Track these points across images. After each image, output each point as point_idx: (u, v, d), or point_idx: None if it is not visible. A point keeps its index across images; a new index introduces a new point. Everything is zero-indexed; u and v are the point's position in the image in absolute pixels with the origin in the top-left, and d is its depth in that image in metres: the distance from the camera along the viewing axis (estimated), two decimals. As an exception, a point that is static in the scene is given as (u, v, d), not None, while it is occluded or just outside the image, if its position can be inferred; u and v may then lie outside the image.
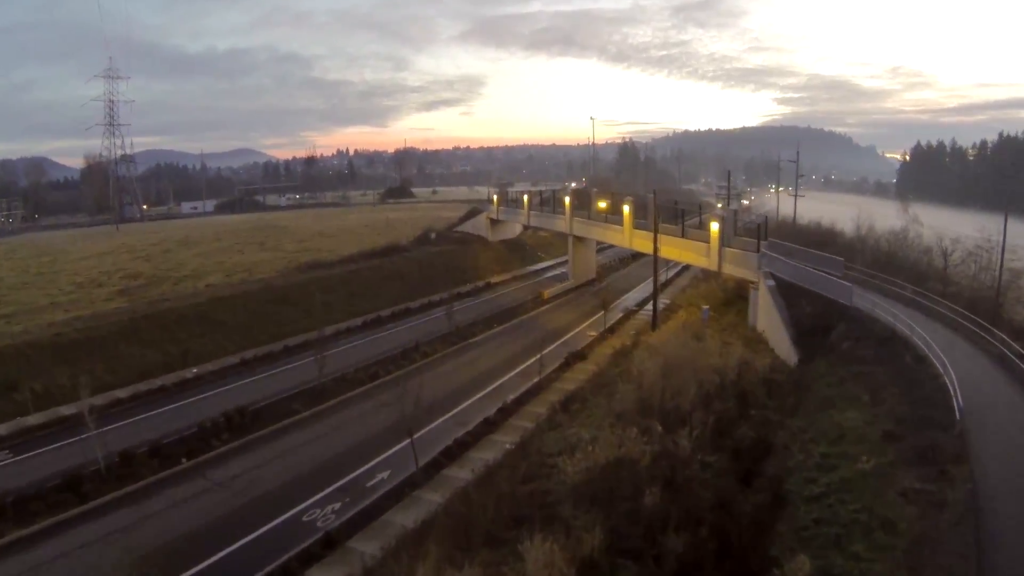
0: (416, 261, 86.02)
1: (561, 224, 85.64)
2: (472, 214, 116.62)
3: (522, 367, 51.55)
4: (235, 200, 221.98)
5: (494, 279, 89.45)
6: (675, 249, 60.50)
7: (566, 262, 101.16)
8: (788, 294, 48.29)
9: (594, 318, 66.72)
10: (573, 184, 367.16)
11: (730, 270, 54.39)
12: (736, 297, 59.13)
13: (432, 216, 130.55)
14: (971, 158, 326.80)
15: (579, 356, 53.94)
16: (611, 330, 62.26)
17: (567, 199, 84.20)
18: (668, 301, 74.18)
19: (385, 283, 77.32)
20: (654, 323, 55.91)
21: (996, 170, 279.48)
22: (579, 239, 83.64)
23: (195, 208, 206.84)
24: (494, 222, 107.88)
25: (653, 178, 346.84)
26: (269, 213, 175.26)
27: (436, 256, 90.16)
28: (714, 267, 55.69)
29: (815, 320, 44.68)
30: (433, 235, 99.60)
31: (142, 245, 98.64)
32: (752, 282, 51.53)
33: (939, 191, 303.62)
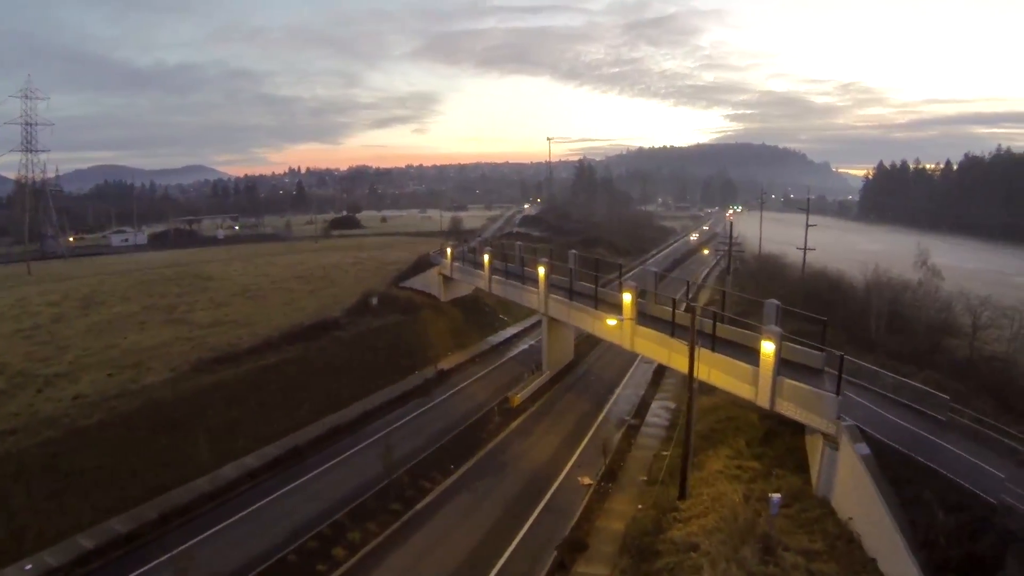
0: (352, 344, 68.13)
1: (533, 300, 68.29)
2: (422, 266, 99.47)
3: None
4: (169, 231, 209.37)
5: (448, 363, 72.48)
6: (703, 366, 43.55)
7: (533, 328, 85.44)
8: (887, 463, 32.44)
9: (583, 443, 51.02)
10: (527, 206, 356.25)
11: (789, 411, 37.67)
12: (781, 425, 42.65)
13: (377, 261, 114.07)
14: (935, 177, 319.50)
15: (576, 545, 37.05)
16: (612, 474, 45.61)
17: (541, 270, 65.83)
18: (673, 405, 58.13)
19: (311, 382, 59.69)
20: (682, 489, 38.86)
21: (964, 191, 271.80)
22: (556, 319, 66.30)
23: (126, 241, 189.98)
24: (447, 278, 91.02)
25: (611, 200, 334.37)
26: (201, 251, 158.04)
27: (377, 334, 72.42)
28: (763, 403, 38.88)
29: (954, 535, 28.64)
30: (375, 300, 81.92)
31: (36, 306, 79.51)
32: (827, 436, 35.31)
33: (904, 212, 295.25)
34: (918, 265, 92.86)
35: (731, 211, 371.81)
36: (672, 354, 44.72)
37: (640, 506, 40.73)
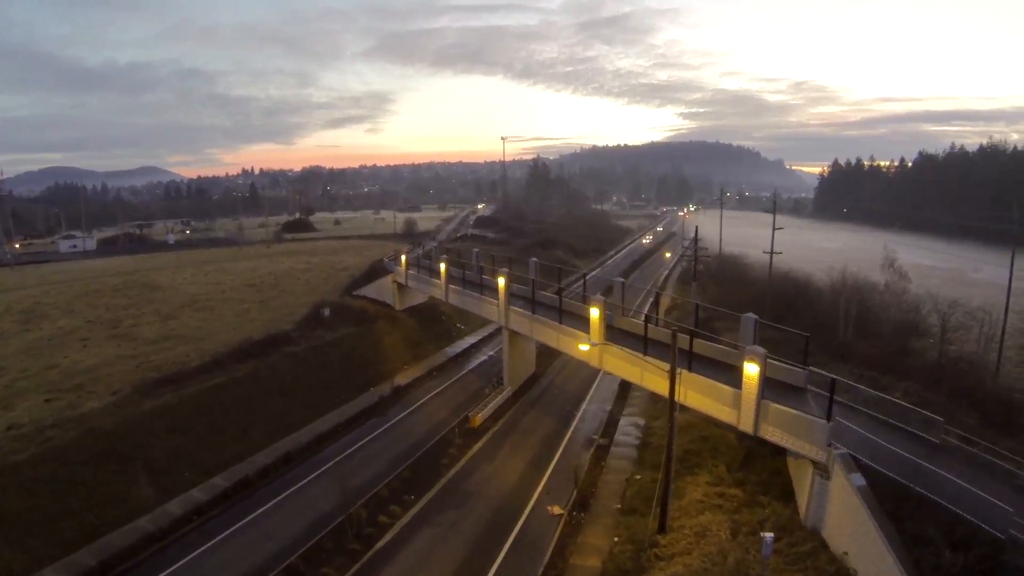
0: (304, 361, 64.20)
1: (492, 312, 64.74)
2: (375, 273, 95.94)
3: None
4: (119, 236, 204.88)
5: (404, 378, 68.91)
6: (679, 387, 40.67)
7: (492, 336, 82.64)
8: (884, 495, 30.04)
9: (551, 466, 48.36)
10: (481, 206, 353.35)
11: (775, 437, 35.00)
12: (761, 445, 39.99)
13: (330, 267, 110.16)
14: (889, 175, 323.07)
15: (550, 588, 34.09)
16: (583, 502, 42.61)
17: (501, 281, 61.55)
18: (642, 421, 55.39)
19: (262, 403, 55.76)
20: (662, 521, 35.96)
21: (918, 189, 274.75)
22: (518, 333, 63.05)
23: (75, 247, 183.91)
24: (402, 286, 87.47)
25: (566, 199, 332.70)
26: (151, 257, 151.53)
27: (330, 348, 68.62)
28: (746, 428, 36.13)
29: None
30: (327, 311, 78.08)
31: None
32: (817, 463, 32.79)
33: (859, 209, 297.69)
34: (885, 267, 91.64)
35: (686, 210, 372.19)
36: (645, 374, 41.80)
37: (616, 539, 37.85)
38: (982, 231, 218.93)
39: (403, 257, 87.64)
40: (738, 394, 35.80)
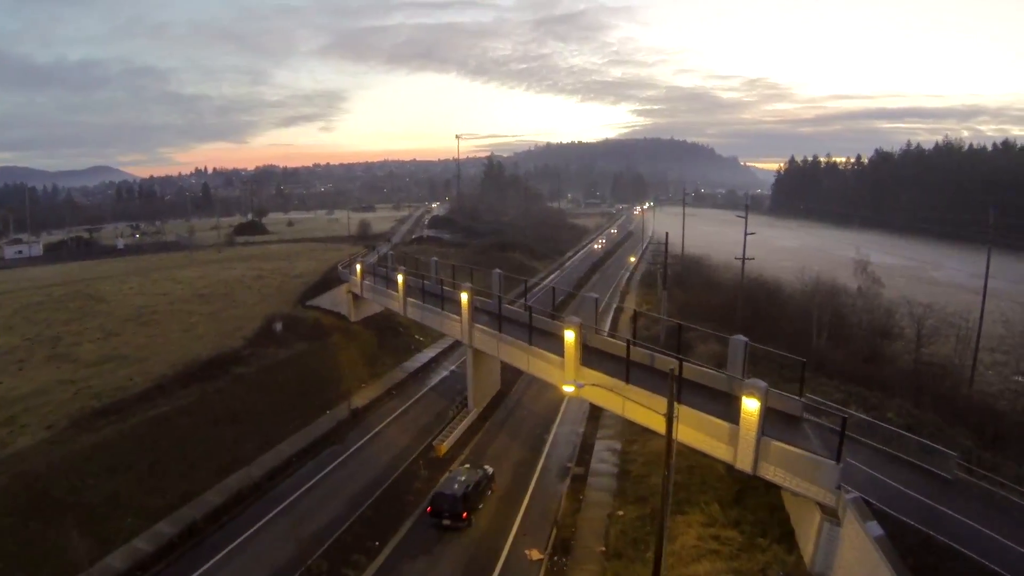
0: (255, 383, 59.70)
1: (455, 329, 60.71)
2: (329, 282, 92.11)
3: None
4: (67, 241, 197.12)
5: (362, 398, 64.67)
6: (664, 419, 37.31)
7: (452, 349, 79.27)
8: (903, 545, 26.96)
9: (525, 501, 44.82)
10: (436, 205, 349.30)
11: (776, 477, 31.79)
12: (755, 478, 36.71)
13: (282, 275, 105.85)
14: (846, 172, 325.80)
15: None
16: (564, 544, 38.92)
17: (464, 297, 57.14)
18: (618, 445, 51.96)
19: (211, 434, 51.08)
20: (657, 572, 32.53)
21: (875, 186, 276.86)
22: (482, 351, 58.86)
23: (20, 252, 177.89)
24: (357, 297, 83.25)
25: (522, 198, 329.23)
26: (98, 264, 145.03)
27: (283, 368, 64.24)
28: (744, 466, 32.83)
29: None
30: (279, 326, 73.67)
31: None
32: (825, 508, 29.71)
33: (816, 206, 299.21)
34: (858, 271, 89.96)
35: (641, 208, 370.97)
36: (628, 404, 38.36)
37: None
38: (940, 229, 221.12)
39: (358, 266, 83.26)
40: (735, 430, 32.56)
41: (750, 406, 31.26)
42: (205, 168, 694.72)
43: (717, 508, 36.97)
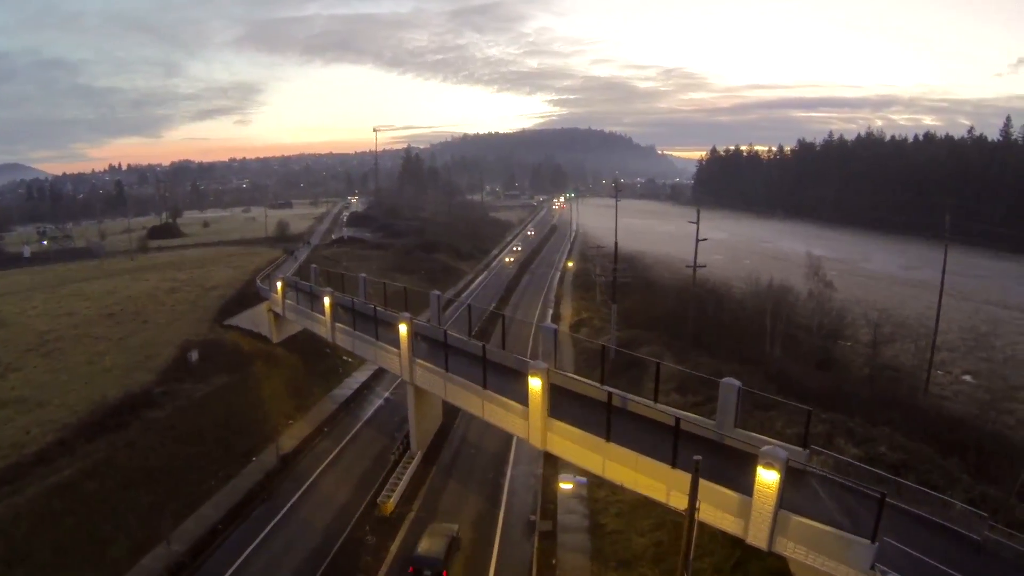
0: (170, 430, 52.14)
1: (393, 363, 54.07)
2: (249, 298, 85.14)
3: None
4: None
5: (292, 438, 57.97)
6: (660, 485, 32.05)
7: (384, 372, 71.71)
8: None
9: (491, 568, 39.40)
10: (354, 199, 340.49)
11: (796, 554, 27.06)
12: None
13: (198, 286, 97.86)
14: (768, 162, 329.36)
15: None
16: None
17: (403, 329, 50.43)
18: (584, 492, 46.81)
19: (122, 500, 43.37)
20: None
21: (797, 176, 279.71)
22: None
23: None
24: (279, 315, 76.34)
25: (441, 193, 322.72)
26: (2, 275, 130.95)
27: (201, 407, 56.89)
28: (757, 542, 28.03)
29: None
30: (195, 355, 66.40)
31: None
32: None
33: (739, 196, 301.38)
34: (810, 275, 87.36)
35: (561, 200, 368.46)
36: (608, 462, 33.32)
37: None
38: (863, 219, 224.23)
39: (279, 283, 76.22)
40: (746, 502, 27.87)
41: (767, 478, 26.62)
42: (119, 164, 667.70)
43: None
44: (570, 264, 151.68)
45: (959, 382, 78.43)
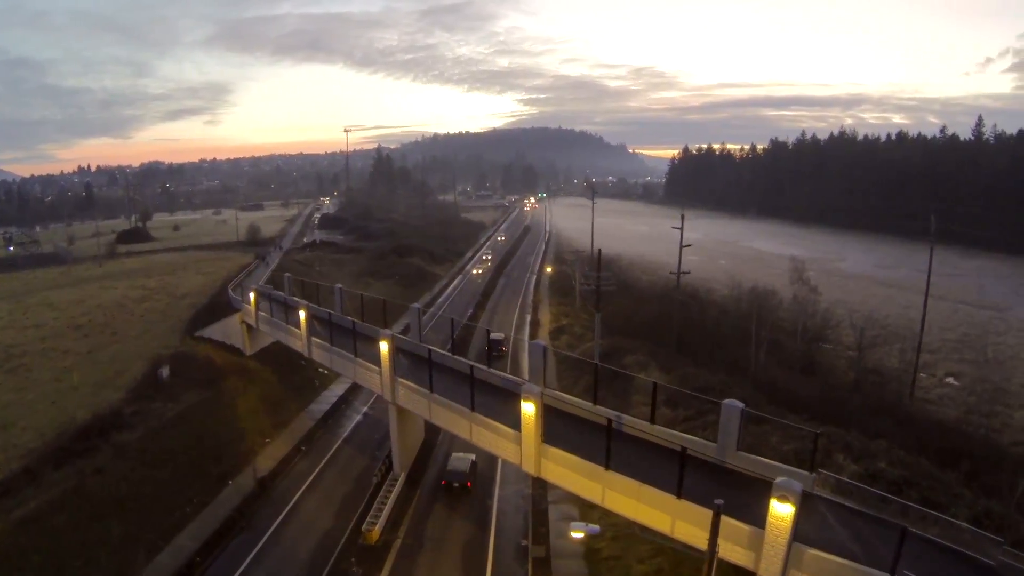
0: (142, 455, 49.77)
1: (374, 382, 51.71)
2: (221, 308, 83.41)
3: None
4: None
5: (269, 460, 55.67)
6: (663, 516, 30.41)
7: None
8: None
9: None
10: (325, 200, 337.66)
11: (811, 593, 26.22)
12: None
13: (169, 294, 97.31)
14: (741, 160, 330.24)
15: None
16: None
17: (384, 347, 48.06)
18: (575, 511, 45.38)
19: (92, 534, 40.92)
20: None
21: (770, 175, 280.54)
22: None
23: None
24: (252, 327, 74.08)
25: (413, 193, 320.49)
26: None
27: (173, 428, 54.60)
28: (768, 578, 27.06)
29: None
30: (166, 371, 64.12)
31: None
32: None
33: (711, 195, 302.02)
34: (793, 278, 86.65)
35: (532, 200, 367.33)
36: (608, 492, 31.90)
37: None
38: (836, 218, 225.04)
39: (252, 295, 73.74)
40: (757, 534, 26.52)
41: (782, 511, 25.31)
42: (88, 166, 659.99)
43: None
44: (548, 269, 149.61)
45: (943, 385, 78.11)
